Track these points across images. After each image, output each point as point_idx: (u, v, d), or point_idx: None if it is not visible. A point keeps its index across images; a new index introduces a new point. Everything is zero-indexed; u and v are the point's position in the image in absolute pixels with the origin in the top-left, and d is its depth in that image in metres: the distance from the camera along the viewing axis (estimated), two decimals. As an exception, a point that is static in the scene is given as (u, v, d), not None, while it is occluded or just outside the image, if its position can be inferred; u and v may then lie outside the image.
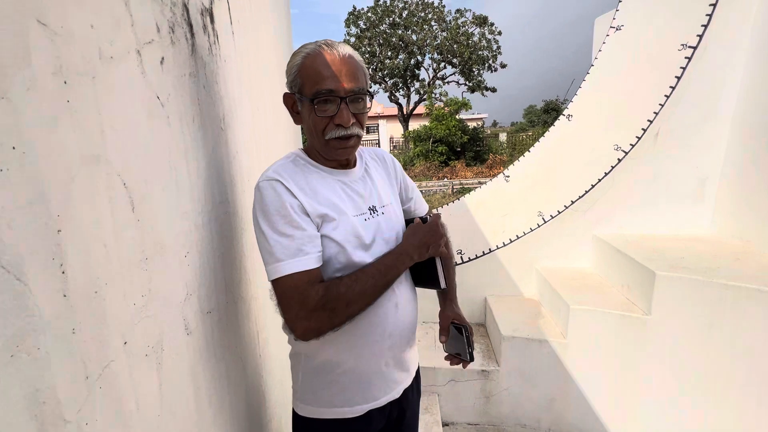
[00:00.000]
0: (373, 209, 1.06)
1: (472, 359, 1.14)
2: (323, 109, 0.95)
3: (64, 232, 0.46)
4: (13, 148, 0.40)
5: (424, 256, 1.07)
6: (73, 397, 0.45)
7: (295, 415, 1.11)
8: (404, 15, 21.78)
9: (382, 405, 1.08)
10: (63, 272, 0.45)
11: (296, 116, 1.05)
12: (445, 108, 17.25)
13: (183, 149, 0.83)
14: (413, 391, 1.19)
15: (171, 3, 0.82)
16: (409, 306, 1.11)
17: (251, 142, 1.55)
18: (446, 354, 1.22)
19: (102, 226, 0.53)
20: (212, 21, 1.11)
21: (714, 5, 2.38)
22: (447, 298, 1.25)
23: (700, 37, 2.43)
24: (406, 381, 1.15)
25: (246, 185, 1.32)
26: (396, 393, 1.11)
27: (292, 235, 0.91)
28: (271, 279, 0.92)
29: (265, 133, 1.80)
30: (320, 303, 0.90)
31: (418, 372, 1.23)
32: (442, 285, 1.14)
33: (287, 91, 1.03)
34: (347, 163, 1.08)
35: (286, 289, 0.91)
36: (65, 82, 0.47)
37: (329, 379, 1.04)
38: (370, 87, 1.04)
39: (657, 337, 2.12)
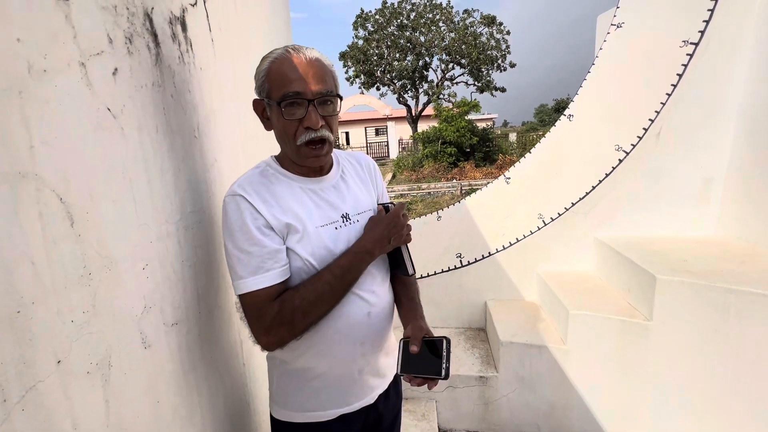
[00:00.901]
0: (345, 217, 1.04)
1: (447, 376, 0.95)
2: (291, 113, 0.94)
3: (-25, 253, 0.44)
4: None
5: (386, 249, 1.03)
6: (-16, 422, 0.44)
7: (271, 418, 1.12)
8: (412, 16, 21.76)
9: (356, 410, 1.07)
10: (-28, 294, 0.44)
11: (266, 122, 1.03)
12: (455, 109, 17.16)
13: (142, 160, 0.82)
14: (390, 396, 1.17)
15: (129, 14, 0.81)
16: (384, 314, 1.09)
17: (237, 149, 1.54)
18: (403, 374, 0.98)
19: (29, 243, 0.52)
20: (184, 29, 1.10)
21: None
22: (418, 316, 1.11)
23: (702, 32, 2.35)
24: (382, 386, 1.13)
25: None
26: (370, 399, 1.10)
27: (252, 252, 0.91)
28: (237, 294, 0.94)
29: (255, 139, 1.79)
30: (276, 319, 0.91)
31: (397, 377, 1.20)
32: (410, 271, 1.10)
33: (256, 98, 1.02)
34: (320, 170, 1.06)
35: (247, 306, 0.93)
36: (-20, 99, 0.46)
37: (302, 384, 1.04)
38: (341, 95, 1.02)
39: (659, 343, 2.05)
